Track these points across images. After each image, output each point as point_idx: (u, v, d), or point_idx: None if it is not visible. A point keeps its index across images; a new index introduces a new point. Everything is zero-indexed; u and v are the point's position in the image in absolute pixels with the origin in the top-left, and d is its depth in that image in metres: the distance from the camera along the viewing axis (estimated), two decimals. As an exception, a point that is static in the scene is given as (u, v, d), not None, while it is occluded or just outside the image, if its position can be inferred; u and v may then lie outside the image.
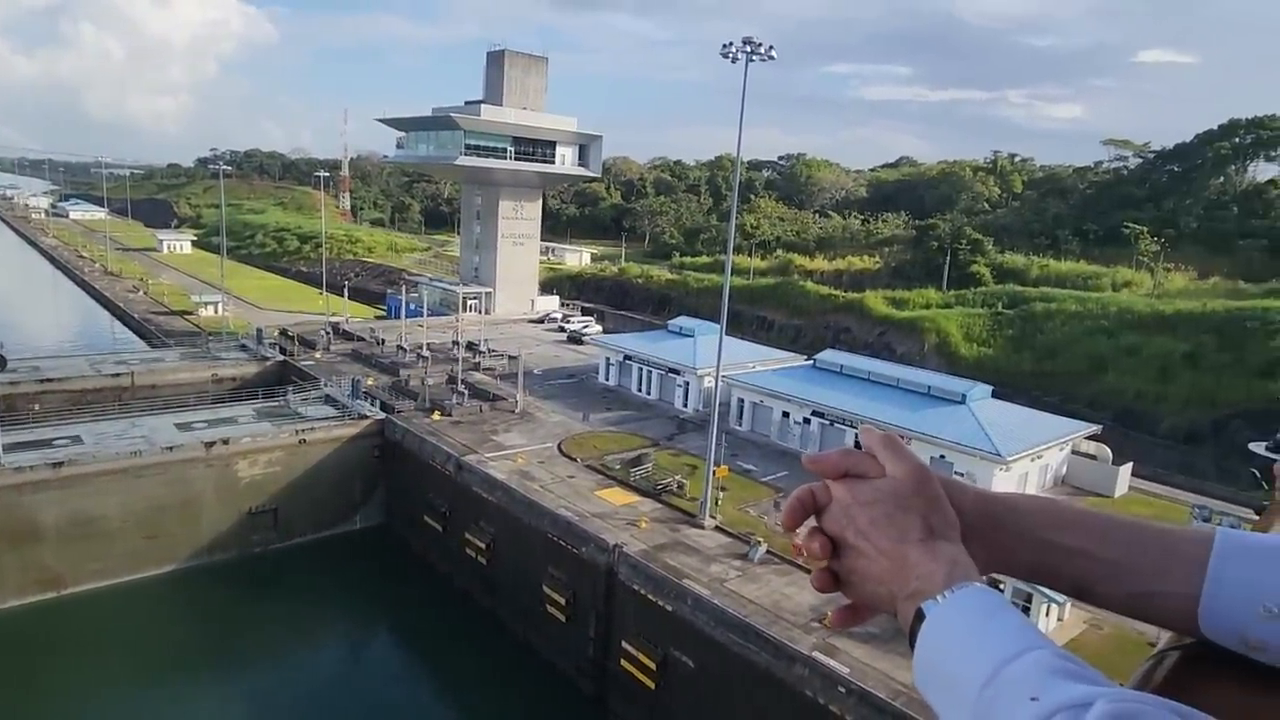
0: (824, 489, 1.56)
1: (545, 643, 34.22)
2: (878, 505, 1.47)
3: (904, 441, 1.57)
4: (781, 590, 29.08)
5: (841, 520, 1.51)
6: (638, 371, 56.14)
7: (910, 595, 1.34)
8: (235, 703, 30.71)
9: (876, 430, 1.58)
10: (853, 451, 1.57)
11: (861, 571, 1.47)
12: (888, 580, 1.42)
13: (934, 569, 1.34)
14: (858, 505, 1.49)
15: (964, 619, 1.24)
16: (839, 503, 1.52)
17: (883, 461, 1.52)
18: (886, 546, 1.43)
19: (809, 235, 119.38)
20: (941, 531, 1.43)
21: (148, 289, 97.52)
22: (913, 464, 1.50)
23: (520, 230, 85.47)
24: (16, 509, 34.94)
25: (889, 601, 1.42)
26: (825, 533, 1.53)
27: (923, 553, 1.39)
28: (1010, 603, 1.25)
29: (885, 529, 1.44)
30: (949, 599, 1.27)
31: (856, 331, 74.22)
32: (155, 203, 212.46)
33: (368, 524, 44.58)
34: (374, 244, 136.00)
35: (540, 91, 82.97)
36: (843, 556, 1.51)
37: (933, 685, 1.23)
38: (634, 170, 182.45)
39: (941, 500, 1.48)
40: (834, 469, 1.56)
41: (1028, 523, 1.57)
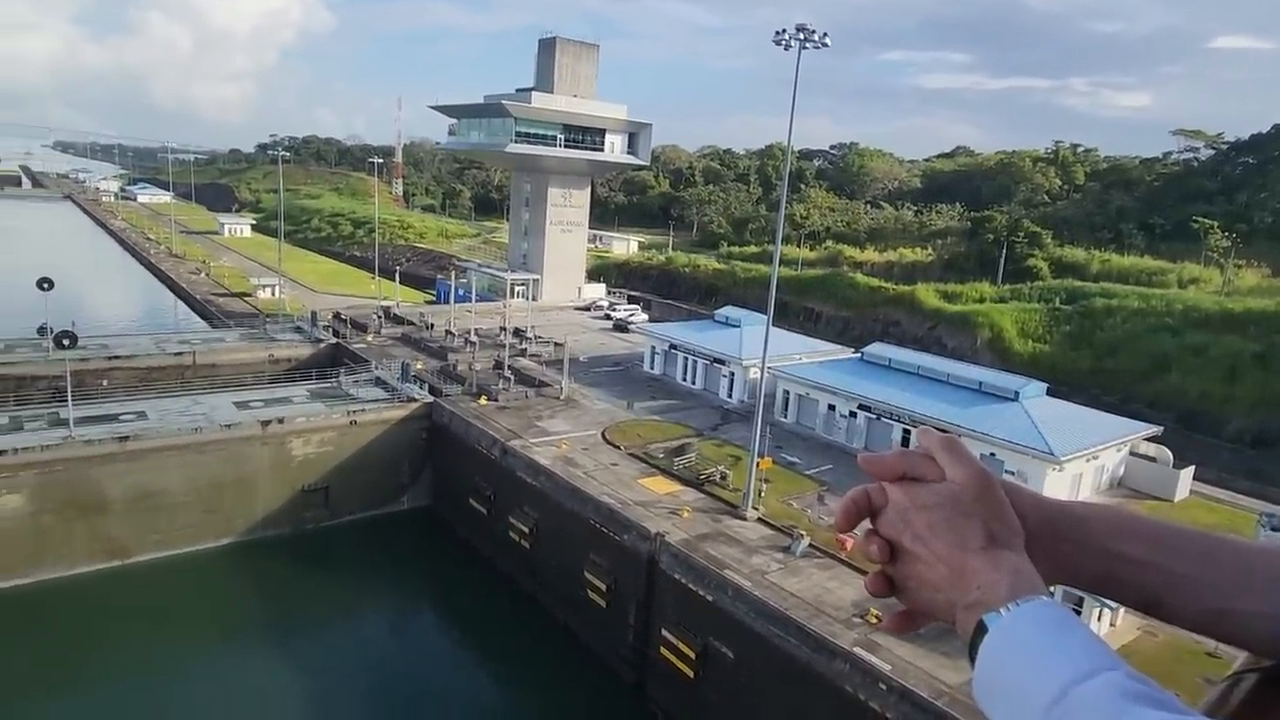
0: (880, 491, 1.52)
1: (586, 628, 34.55)
2: (937, 510, 1.43)
3: (965, 445, 1.52)
4: (823, 584, 28.84)
5: (898, 524, 1.47)
6: (683, 361, 56.05)
7: (971, 605, 1.30)
8: (285, 672, 31.73)
9: (935, 431, 1.54)
10: (910, 453, 1.53)
11: (918, 577, 1.43)
12: (946, 588, 1.37)
13: (996, 579, 1.30)
14: (915, 509, 1.45)
15: (1029, 633, 1.19)
16: (896, 506, 1.49)
17: (942, 464, 1.48)
18: (945, 553, 1.39)
19: (859, 226, 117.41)
20: (1004, 540, 1.38)
21: (209, 271, 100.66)
22: (975, 468, 1.45)
23: (568, 218, 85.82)
24: (86, 481, 36.54)
25: (947, 610, 1.38)
26: (881, 536, 1.49)
27: (984, 562, 1.34)
28: (1078, 618, 1.20)
29: (944, 535, 1.40)
30: (1013, 612, 1.22)
31: (906, 325, 72.86)
32: (218, 187, 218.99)
33: (415, 505, 45.50)
34: (425, 230, 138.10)
35: (591, 79, 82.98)
36: (899, 561, 1.47)
37: (994, 701, 1.18)
38: (683, 159, 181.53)
39: (1005, 507, 1.43)
40: (890, 471, 1.52)
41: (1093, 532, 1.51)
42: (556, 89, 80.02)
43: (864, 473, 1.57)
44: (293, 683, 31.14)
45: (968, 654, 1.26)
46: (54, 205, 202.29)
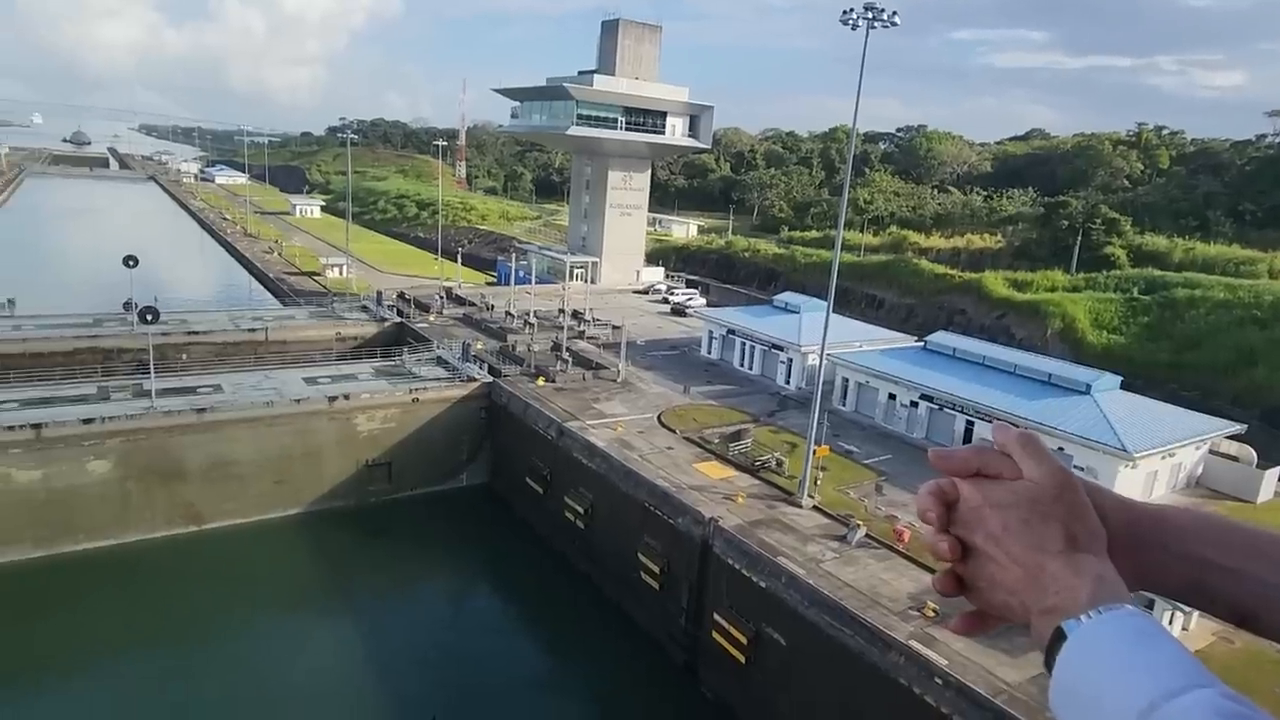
0: (952, 487, 1.47)
1: (638, 609, 34.86)
2: (1013, 509, 1.37)
3: (1044, 442, 1.46)
4: (879, 575, 28.44)
5: (970, 522, 1.42)
6: (740, 346, 55.67)
7: (1048, 611, 1.25)
8: (348, 638, 32.92)
9: (1012, 427, 1.47)
10: (985, 449, 1.47)
11: (990, 578, 1.38)
12: (1021, 591, 1.32)
13: (1076, 584, 1.24)
14: (990, 508, 1.39)
15: (1113, 644, 1.13)
16: (968, 503, 1.43)
17: (1019, 462, 1.41)
18: (1022, 555, 1.33)
19: (925, 211, 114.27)
20: (1085, 544, 1.32)
21: (281, 250, 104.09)
22: (1054, 467, 1.39)
23: (628, 201, 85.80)
24: (166, 449, 38.40)
25: (1020, 613, 1.33)
26: (952, 534, 1.44)
27: (1064, 566, 1.28)
28: (1166, 629, 1.13)
29: (1021, 536, 1.34)
30: (1095, 620, 1.17)
31: (972, 313, 70.76)
32: (290, 169, 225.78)
33: (473, 482, 46.47)
34: (487, 212, 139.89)
35: (653, 61, 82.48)
36: (969, 561, 1.42)
37: (1073, 713, 1.13)
38: (744, 141, 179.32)
39: (1086, 509, 1.36)
40: (963, 466, 1.46)
41: (1181, 537, 1.42)
42: (618, 71, 79.80)
43: (934, 468, 1.52)
44: (355, 648, 32.29)
45: (1044, 661, 1.21)
46: (139, 186, 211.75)
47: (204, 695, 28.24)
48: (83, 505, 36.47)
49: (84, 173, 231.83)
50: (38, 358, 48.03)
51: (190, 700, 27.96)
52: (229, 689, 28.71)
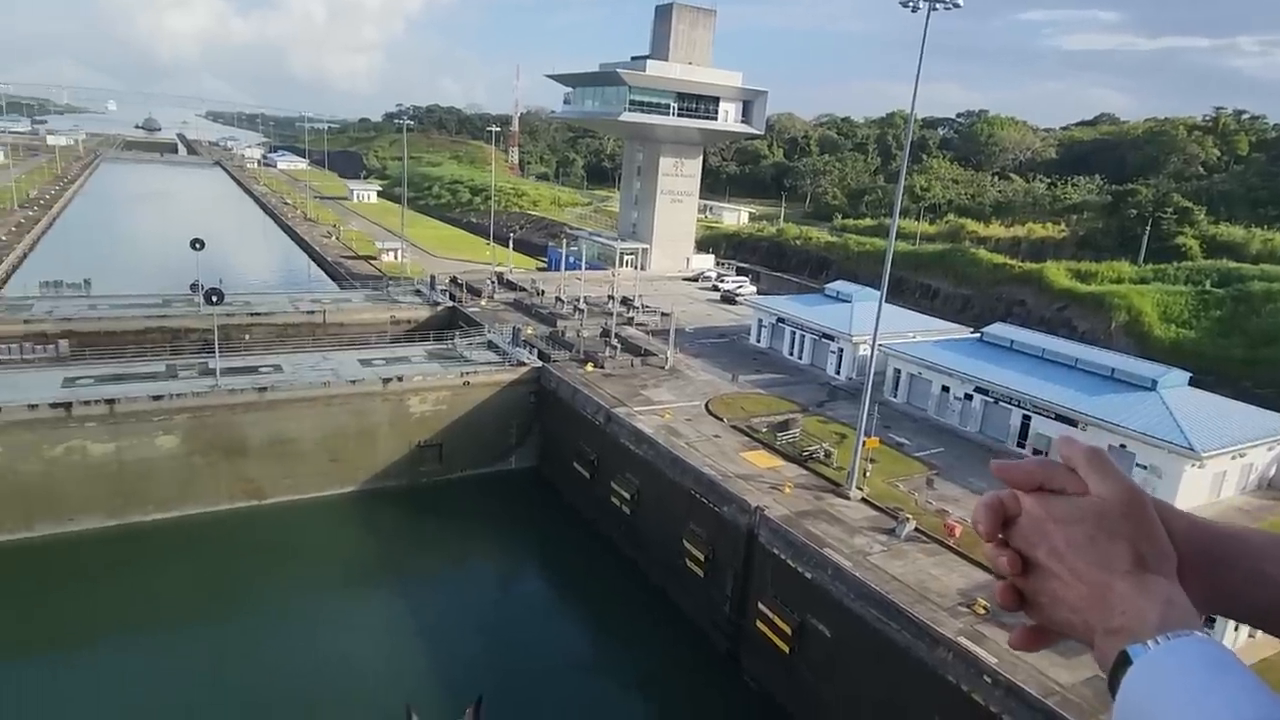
0: (1014, 499, 1.43)
1: (682, 595, 35.00)
2: (1077, 526, 1.33)
3: (1112, 458, 1.41)
4: (928, 570, 28.00)
5: (1033, 537, 1.38)
6: (790, 335, 55.13)
7: (1113, 632, 1.21)
8: (397, 615, 33.79)
9: (1079, 441, 1.43)
10: (1050, 462, 1.42)
11: (1053, 595, 1.35)
12: (1085, 610, 1.29)
13: (1144, 607, 1.20)
14: (1053, 523, 1.36)
15: (1183, 672, 1.09)
16: (1031, 518, 1.39)
17: (1085, 478, 1.37)
18: (1086, 573, 1.29)
19: (985, 199, 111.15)
20: (1154, 564, 1.27)
21: (339, 235, 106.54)
22: (1123, 483, 1.35)
23: (679, 187, 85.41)
24: (229, 426, 39.82)
25: (1084, 631, 1.29)
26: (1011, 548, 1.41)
27: (1131, 587, 1.24)
28: (1239, 659, 1.08)
29: (1086, 553, 1.30)
30: (1163, 646, 1.13)
31: (1032, 305, 68.77)
32: (348, 155, 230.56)
33: (521, 465, 47.11)
34: (538, 198, 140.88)
35: (706, 46, 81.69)
36: (1030, 576, 1.38)
37: None
38: (798, 127, 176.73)
39: (1155, 528, 1.32)
40: (1026, 480, 1.42)
41: (1260, 560, 1.36)
42: (672, 56, 79.27)
43: (996, 479, 1.48)
44: (404, 624, 33.15)
45: (1107, 684, 1.18)
46: (205, 171, 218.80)
47: (259, 663, 29.36)
48: (152, 478, 38.11)
49: (154, 158, 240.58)
50: (111, 336, 50.22)
51: (246, 667, 29.10)
52: (283, 659, 29.79)
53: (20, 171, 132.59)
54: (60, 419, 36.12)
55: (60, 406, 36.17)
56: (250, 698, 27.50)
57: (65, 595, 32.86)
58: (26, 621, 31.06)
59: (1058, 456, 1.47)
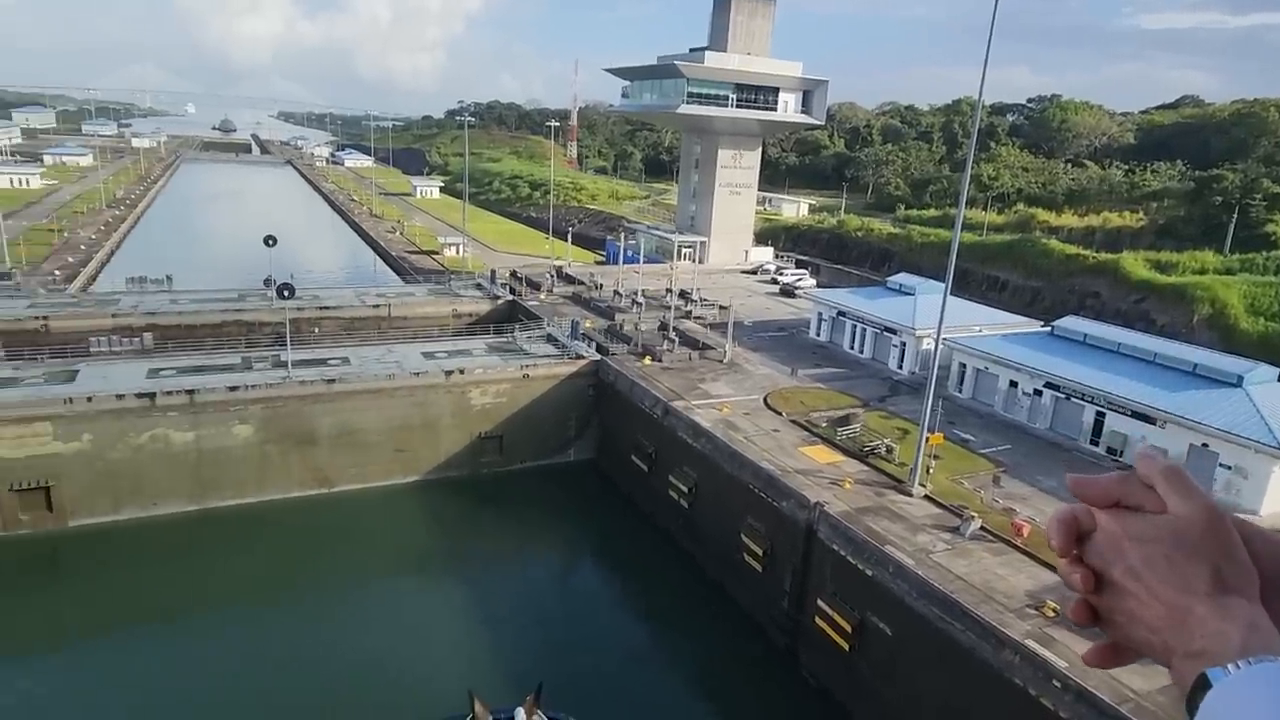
0: (1088, 515, 1.40)
1: (740, 590, 34.87)
2: (1155, 545, 1.29)
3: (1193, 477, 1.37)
4: (994, 570, 27.26)
5: (1108, 554, 1.35)
6: (851, 328, 54.23)
7: (1192, 655, 1.17)
8: (458, 602, 34.56)
9: (1159, 457, 1.39)
10: (1127, 478, 1.39)
11: (1128, 614, 1.32)
12: (1163, 630, 1.25)
13: (1226, 630, 1.16)
14: (1130, 541, 1.32)
15: (1266, 698, 1.06)
16: (1106, 534, 1.36)
17: (1164, 495, 1.33)
18: (1164, 593, 1.26)
19: (1057, 187, 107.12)
20: (1236, 586, 1.23)
21: (403, 230, 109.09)
22: (1203, 502, 1.30)
23: (738, 179, 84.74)
24: (300, 417, 41.26)
25: (1161, 652, 1.26)
26: (1086, 564, 1.38)
27: (1212, 609, 1.20)
28: None
29: (1163, 573, 1.27)
30: (1245, 671, 1.09)
31: (1107, 297, 66.04)
32: (411, 152, 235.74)
33: (580, 457, 47.56)
34: (597, 191, 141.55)
35: (766, 36, 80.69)
36: (1105, 593, 1.35)
37: None
38: (860, 116, 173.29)
39: (1237, 549, 1.27)
40: (1102, 496, 1.39)
41: None
42: (730, 47, 78.58)
43: (1072, 495, 1.45)
44: (465, 611, 33.88)
45: (1184, 707, 1.14)
46: (277, 170, 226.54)
47: (328, 645, 30.42)
48: (228, 465, 39.79)
49: (230, 158, 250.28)
50: (191, 329, 52.60)
51: (316, 649, 30.20)
52: (351, 641, 30.78)
53: (108, 173, 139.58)
54: (145, 408, 38.00)
55: (145, 397, 38.04)
56: (319, 678, 28.53)
57: (149, 576, 34.63)
58: (115, 601, 32.85)
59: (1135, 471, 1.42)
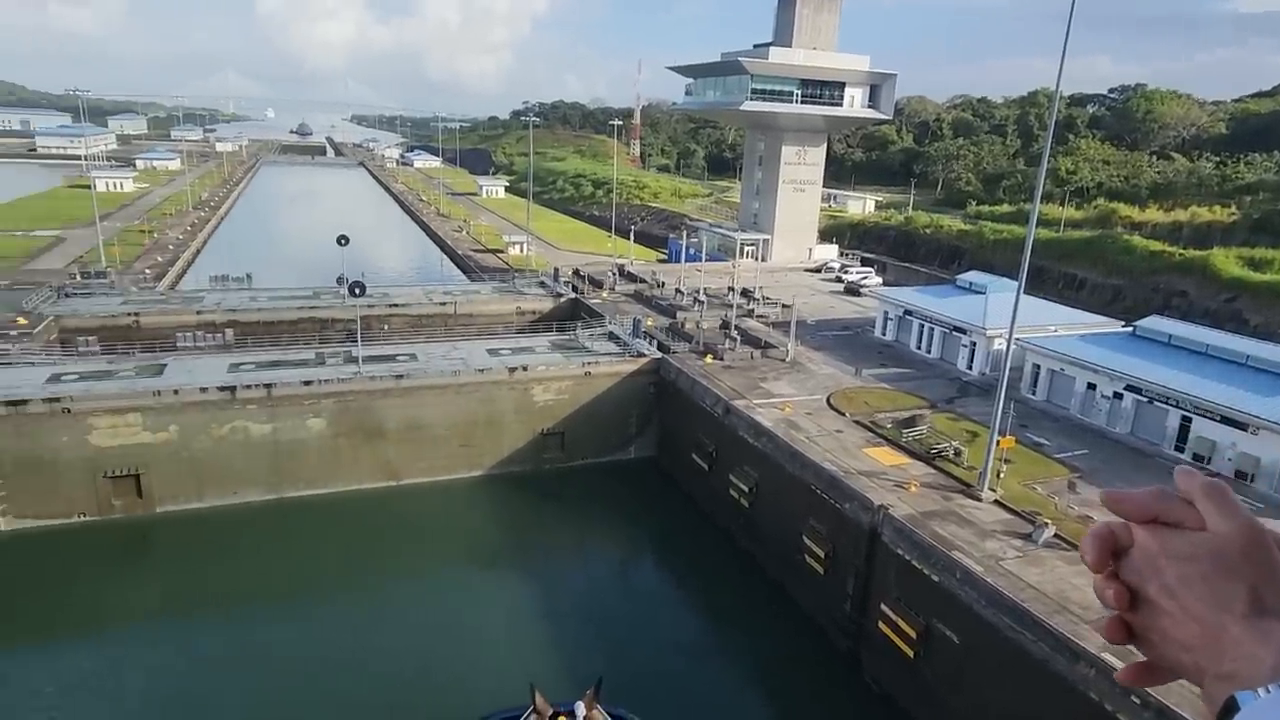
0: (1125, 530, 1.36)
1: (801, 592, 34.46)
2: (1192, 563, 1.25)
3: (1234, 495, 1.32)
4: (1069, 580, 26.24)
5: (1144, 571, 1.31)
6: (918, 328, 52.94)
7: (1224, 677, 1.14)
8: (520, 594, 35.11)
9: (1198, 474, 1.35)
10: (1166, 494, 1.34)
11: (1163, 632, 1.28)
12: (1196, 650, 1.21)
13: (1260, 654, 1.13)
14: (1166, 558, 1.28)
15: None
16: (1143, 551, 1.32)
17: (1204, 512, 1.28)
18: (1199, 612, 1.22)
19: (1140, 181, 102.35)
20: (1275, 608, 1.18)
21: (469, 229, 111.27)
22: (1244, 521, 1.26)
23: (802, 176, 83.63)
24: (370, 411, 42.54)
25: (1194, 672, 1.22)
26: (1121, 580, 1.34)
27: (1247, 631, 1.16)
28: None
29: (1199, 592, 1.23)
30: (1275, 696, 1.08)
31: (1195, 296, 62.79)
32: (477, 152, 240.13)
33: (640, 455, 47.73)
34: (659, 189, 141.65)
35: (832, 30, 79.36)
36: (1141, 610, 1.31)
37: None
38: (929, 110, 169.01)
39: (1278, 570, 1.22)
40: (1140, 511, 1.34)
41: None
42: (795, 42, 77.56)
43: (1106, 509, 1.40)
44: (526, 603, 34.40)
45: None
46: (350, 171, 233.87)
47: (394, 633, 31.28)
48: (302, 457, 41.31)
49: (306, 160, 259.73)
50: (269, 326, 54.78)
51: (382, 636, 31.09)
52: (416, 630, 31.60)
53: (194, 176, 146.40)
54: (227, 401, 39.76)
55: (226, 390, 39.80)
56: (386, 665, 29.39)
57: (229, 562, 36.25)
58: (197, 584, 34.49)
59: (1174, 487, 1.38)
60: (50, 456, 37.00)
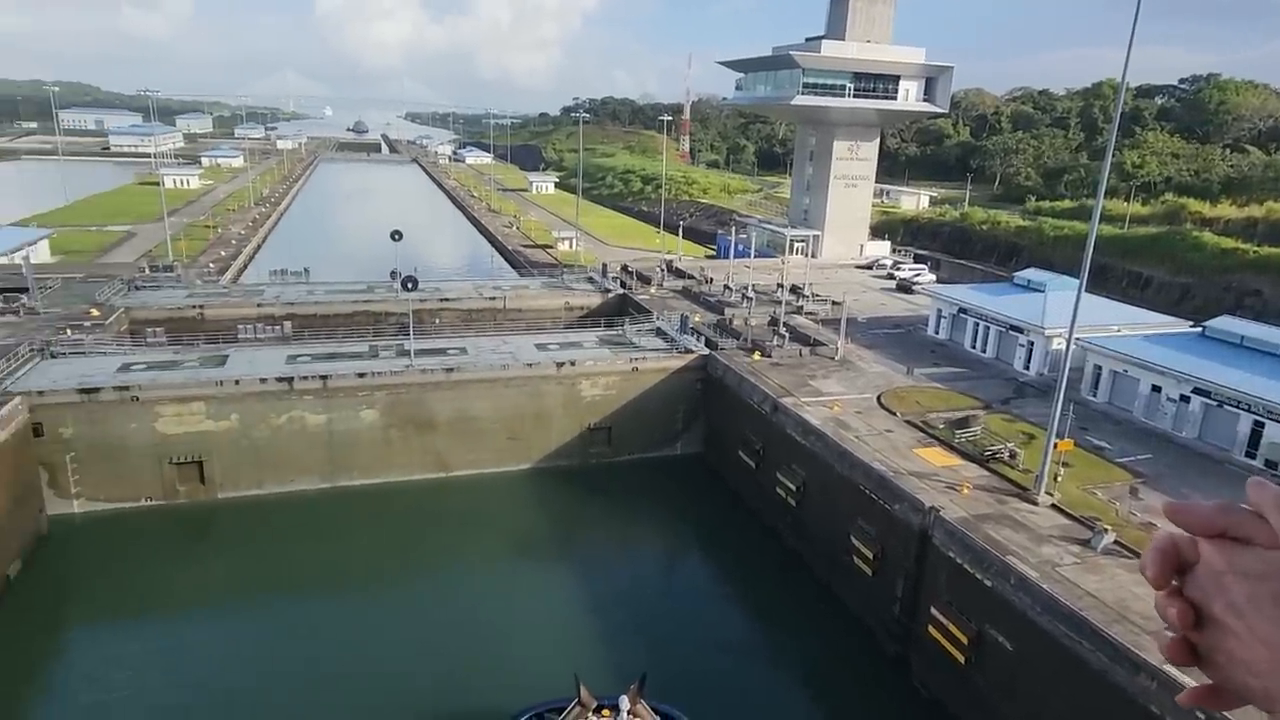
0: (1190, 544, 1.27)
1: (849, 593, 34.01)
2: (1263, 582, 1.17)
3: None
4: (1129, 588, 25.36)
5: (1210, 588, 1.23)
6: (972, 326, 51.69)
7: None
8: (567, 586, 35.36)
9: (1272, 486, 1.25)
10: (1235, 507, 1.26)
11: (1230, 654, 1.20)
12: (1264, 675, 1.14)
13: None
14: (1235, 576, 1.20)
15: None
16: (1209, 567, 1.24)
17: (1278, 528, 1.20)
18: (1269, 635, 1.15)
19: (1212, 175, 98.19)
20: None
21: (519, 225, 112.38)
22: None
23: (854, 171, 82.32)
24: (421, 404, 43.33)
25: (1261, 698, 1.15)
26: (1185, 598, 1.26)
27: None
28: None
29: (1270, 613, 1.15)
30: None
31: (1270, 295, 60.03)
32: (528, 148, 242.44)
33: (686, 451, 47.65)
34: (708, 185, 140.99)
35: (887, 22, 77.83)
36: (1206, 630, 1.23)
37: None
38: (988, 103, 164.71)
39: None
40: (1206, 525, 1.26)
41: None
42: (849, 35, 76.32)
43: (1170, 522, 1.32)
44: (573, 596, 34.64)
45: None
46: (404, 168, 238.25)
47: (441, 622, 31.85)
48: (356, 447, 42.29)
49: (362, 157, 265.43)
50: (325, 319, 56.19)
51: (429, 624, 31.68)
52: (461, 619, 32.10)
53: (255, 173, 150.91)
54: (285, 391, 40.92)
55: (284, 381, 40.95)
56: (434, 653, 29.94)
57: (286, 547, 37.37)
58: (256, 568, 35.64)
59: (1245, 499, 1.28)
60: (120, 443, 38.60)
